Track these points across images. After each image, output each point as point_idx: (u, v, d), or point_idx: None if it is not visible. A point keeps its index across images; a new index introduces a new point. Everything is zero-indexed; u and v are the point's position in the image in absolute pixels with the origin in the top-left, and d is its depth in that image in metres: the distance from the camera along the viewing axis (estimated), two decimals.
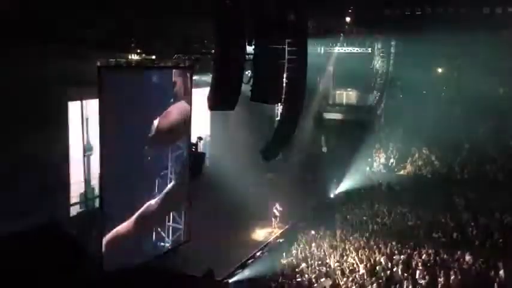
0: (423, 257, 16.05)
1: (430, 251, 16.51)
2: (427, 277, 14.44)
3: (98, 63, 12.64)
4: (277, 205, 20.13)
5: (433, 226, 19.09)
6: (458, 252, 16.33)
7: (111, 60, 14.02)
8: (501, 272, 14.63)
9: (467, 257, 15.92)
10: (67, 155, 14.21)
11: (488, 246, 17.28)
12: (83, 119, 14.69)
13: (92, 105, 13.71)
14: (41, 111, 12.75)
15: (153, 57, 15.98)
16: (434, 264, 15.60)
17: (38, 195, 11.99)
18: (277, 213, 20.11)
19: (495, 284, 14.02)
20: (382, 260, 15.87)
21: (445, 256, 16.15)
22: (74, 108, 14.45)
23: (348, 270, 15.27)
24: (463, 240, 17.95)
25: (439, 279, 14.31)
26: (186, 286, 14.09)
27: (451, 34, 23.60)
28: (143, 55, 15.69)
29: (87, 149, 14.82)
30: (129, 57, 15.42)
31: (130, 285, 12.78)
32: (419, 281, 14.30)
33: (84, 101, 14.60)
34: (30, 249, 10.44)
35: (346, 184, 24.63)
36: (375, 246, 17.23)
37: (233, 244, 17.54)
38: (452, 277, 14.40)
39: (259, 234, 19.62)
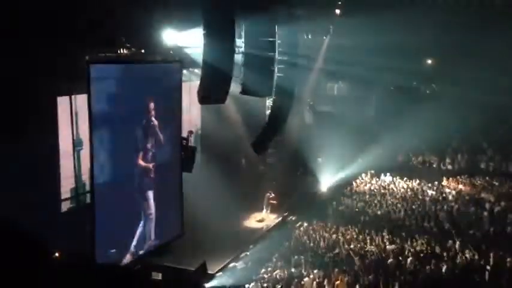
0: (415, 247, 16.17)
1: (421, 241, 16.63)
2: (418, 267, 14.56)
3: (87, 58, 12.53)
4: (270, 193, 20.21)
5: (425, 216, 19.23)
6: (450, 242, 16.46)
7: (100, 54, 13.91)
8: (491, 260, 14.77)
9: (458, 246, 16.06)
10: (57, 150, 14.09)
11: (479, 236, 17.43)
12: (72, 113, 14.56)
13: (81, 100, 13.59)
14: (30, 107, 12.63)
15: (143, 51, 15.86)
16: (426, 254, 15.72)
17: (27, 191, 11.89)
18: (270, 202, 20.18)
19: (486, 274, 14.15)
20: (374, 250, 15.97)
21: (437, 246, 16.27)
22: (63, 103, 14.31)
23: (340, 262, 15.34)
24: (454, 230, 18.08)
25: (431, 268, 14.42)
26: (178, 280, 14.08)
27: (441, 25, 23.69)
28: (133, 49, 15.56)
29: (77, 144, 14.69)
30: (119, 51, 15.28)
31: (123, 280, 12.72)
32: (411, 271, 14.40)
33: (73, 96, 14.46)
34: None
35: (337, 176, 24.72)
36: (367, 237, 17.33)
37: (226, 237, 17.55)
38: (444, 267, 14.53)
39: (253, 224, 19.66)
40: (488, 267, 14.44)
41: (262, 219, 20.06)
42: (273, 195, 20.31)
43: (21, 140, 12.04)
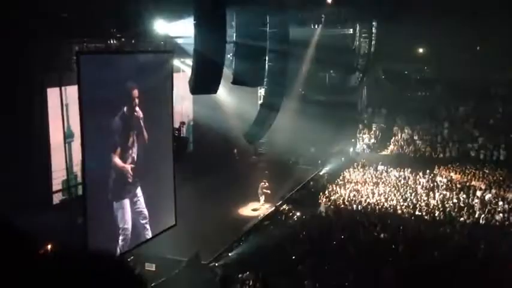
0: (407, 235, 16.29)
1: (413, 229, 16.76)
2: (411, 254, 14.67)
3: (77, 48, 12.42)
4: (264, 182, 20.26)
5: (416, 205, 19.36)
6: (441, 229, 16.60)
7: (90, 45, 13.80)
8: (482, 247, 14.93)
9: (450, 234, 16.21)
10: (47, 142, 14.01)
11: (470, 223, 17.59)
12: (63, 105, 14.44)
13: (72, 92, 13.49)
14: (20, 99, 12.53)
15: (133, 41, 15.74)
16: (418, 241, 15.84)
17: (18, 184, 11.82)
18: (264, 191, 20.24)
19: (478, 260, 14.29)
20: (367, 239, 16.07)
21: (428, 233, 16.42)
22: (53, 94, 14.20)
23: (333, 250, 15.44)
24: (445, 217, 18.23)
25: (423, 255, 14.54)
26: (172, 270, 14.09)
27: (431, 14, 23.74)
28: (123, 40, 15.44)
29: (67, 136, 14.60)
30: (109, 42, 15.16)
31: (115, 271, 12.69)
32: (404, 258, 14.52)
33: (63, 88, 14.33)
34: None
35: (330, 165, 24.79)
36: (360, 226, 17.43)
37: (219, 226, 17.57)
38: (435, 253, 14.66)
39: (248, 214, 19.69)
40: (479, 254, 14.58)
41: (257, 208, 20.14)
42: (266, 184, 20.37)
43: (12, 133, 11.96)
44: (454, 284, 13.20)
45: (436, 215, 18.48)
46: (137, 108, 14.11)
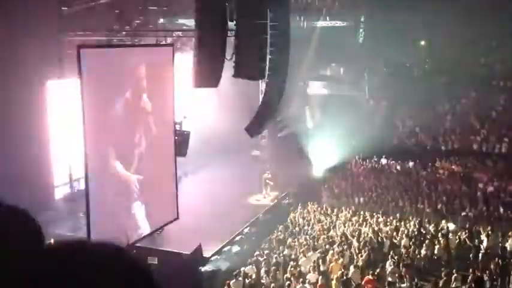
0: (409, 228, 16.27)
1: (415, 222, 16.73)
2: (412, 247, 14.66)
3: (78, 42, 12.39)
4: (268, 173, 20.29)
5: (418, 197, 19.33)
6: (443, 222, 16.58)
7: (91, 39, 13.79)
8: (484, 240, 14.89)
9: (451, 227, 16.18)
10: (48, 136, 14.01)
11: (472, 216, 17.56)
12: (63, 99, 14.44)
13: (72, 85, 13.47)
14: (19, 92, 12.51)
15: (134, 35, 15.72)
16: (419, 234, 15.83)
17: (19, 179, 11.81)
18: (268, 181, 20.26)
19: (479, 252, 14.26)
20: (369, 232, 16.06)
21: (430, 226, 16.39)
22: (53, 88, 14.18)
23: (335, 243, 15.43)
24: (447, 210, 18.22)
25: (425, 249, 14.52)
26: (174, 263, 14.12)
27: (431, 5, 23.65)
28: (124, 33, 15.42)
29: (69, 130, 14.62)
30: (110, 35, 15.15)
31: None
32: (405, 252, 14.50)
33: (63, 81, 14.33)
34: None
35: (331, 158, 24.72)
36: (361, 219, 17.42)
37: (222, 219, 17.58)
38: (436, 246, 14.63)
39: (250, 206, 19.70)
40: (481, 247, 14.55)
41: (260, 200, 20.18)
42: (269, 175, 20.40)
43: (12, 127, 11.95)
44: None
45: (438, 207, 18.46)
46: (144, 97, 13.98)
